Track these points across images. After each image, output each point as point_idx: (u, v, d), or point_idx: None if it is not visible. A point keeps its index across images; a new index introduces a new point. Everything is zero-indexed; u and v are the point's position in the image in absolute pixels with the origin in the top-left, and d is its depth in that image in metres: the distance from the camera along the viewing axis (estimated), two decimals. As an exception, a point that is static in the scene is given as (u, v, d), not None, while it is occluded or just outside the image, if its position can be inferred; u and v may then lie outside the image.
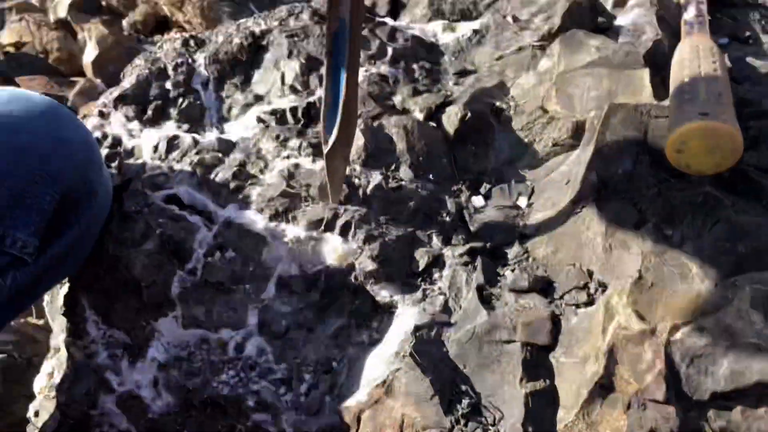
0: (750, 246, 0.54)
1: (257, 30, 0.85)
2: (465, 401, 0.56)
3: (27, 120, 0.60)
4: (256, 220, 0.66)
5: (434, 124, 0.74)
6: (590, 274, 0.58)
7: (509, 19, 0.86)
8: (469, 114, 0.73)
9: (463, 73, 0.82)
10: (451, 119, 0.73)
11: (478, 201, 0.70)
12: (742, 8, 0.86)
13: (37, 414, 0.79)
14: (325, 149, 0.62)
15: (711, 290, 0.53)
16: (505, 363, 0.57)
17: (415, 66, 0.82)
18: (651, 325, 0.52)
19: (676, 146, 0.56)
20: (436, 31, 0.88)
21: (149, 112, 0.78)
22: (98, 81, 1.86)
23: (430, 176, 0.71)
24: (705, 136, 0.55)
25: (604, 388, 0.53)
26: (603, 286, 0.57)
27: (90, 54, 1.45)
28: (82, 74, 1.54)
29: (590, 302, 0.56)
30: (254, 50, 0.84)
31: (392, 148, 0.72)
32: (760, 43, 0.80)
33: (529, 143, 0.73)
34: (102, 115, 0.79)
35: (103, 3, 1.56)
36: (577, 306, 0.57)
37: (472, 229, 0.68)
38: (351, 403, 0.59)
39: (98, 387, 0.67)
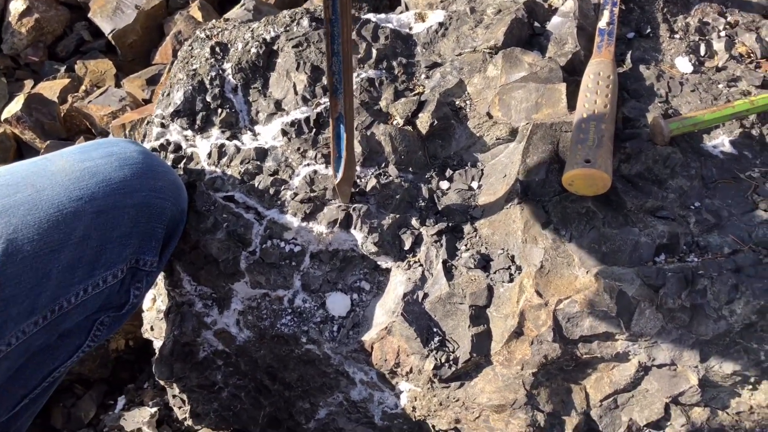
0: (609, 248, 0.86)
1: (268, 37, 1.07)
2: (436, 338, 0.92)
3: (136, 181, 0.88)
4: (293, 221, 0.97)
5: (410, 128, 1.01)
6: (512, 258, 0.91)
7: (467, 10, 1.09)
8: (436, 121, 1.00)
9: (432, 66, 1.07)
10: (423, 123, 1.00)
11: (444, 184, 1.00)
12: (650, -5, 1.07)
13: (152, 328, 1.16)
14: (335, 182, 0.91)
15: (584, 276, 0.86)
16: (459, 314, 0.92)
17: (394, 63, 1.06)
18: (545, 299, 0.86)
19: (567, 182, 0.86)
20: (410, 21, 1.11)
21: (198, 122, 1.05)
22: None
23: (410, 168, 1.00)
24: (586, 178, 0.85)
25: (517, 333, 0.88)
26: (519, 269, 0.90)
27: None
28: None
29: (511, 280, 0.90)
30: (267, 55, 1.08)
31: (381, 150, 1.00)
32: (658, 35, 1.04)
33: (480, 136, 1.01)
34: (162, 125, 1.05)
35: None
36: (503, 282, 0.90)
37: (439, 208, 0.98)
38: (366, 338, 0.95)
39: (200, 326, 1.03)
